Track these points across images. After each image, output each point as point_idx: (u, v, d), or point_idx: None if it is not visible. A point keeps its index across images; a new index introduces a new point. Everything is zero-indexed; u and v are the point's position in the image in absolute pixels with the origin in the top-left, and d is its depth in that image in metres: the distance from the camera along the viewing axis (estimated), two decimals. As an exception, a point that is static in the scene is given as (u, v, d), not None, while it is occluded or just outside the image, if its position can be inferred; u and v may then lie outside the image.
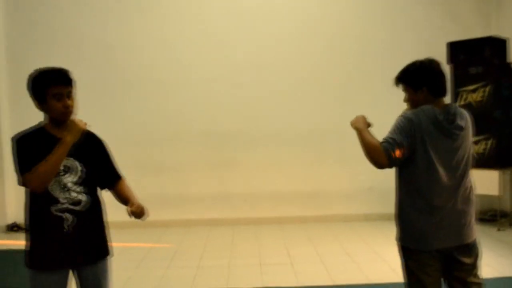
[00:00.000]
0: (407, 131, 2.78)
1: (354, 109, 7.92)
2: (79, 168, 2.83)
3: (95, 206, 2.94)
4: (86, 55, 7.90)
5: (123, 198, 2.97)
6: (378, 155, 2.76)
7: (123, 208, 7.97)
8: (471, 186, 2.93)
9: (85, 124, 2.85)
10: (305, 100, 8.07)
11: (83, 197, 2.83)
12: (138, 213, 2.86)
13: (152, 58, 7.96)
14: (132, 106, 7.96)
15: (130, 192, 3.03)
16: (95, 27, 7.91)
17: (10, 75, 7.83)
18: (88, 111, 7.70)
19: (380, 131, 2.98)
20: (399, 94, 7.69)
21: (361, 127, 2.98)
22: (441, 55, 7.61)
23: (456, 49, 7.55)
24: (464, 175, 2.87)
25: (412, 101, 2.99)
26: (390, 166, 2.83)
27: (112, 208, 3.08)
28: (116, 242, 6.53)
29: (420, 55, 7.65)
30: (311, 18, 8.08)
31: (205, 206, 7.99)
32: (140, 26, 7.96)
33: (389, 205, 7.92)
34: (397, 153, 2.74)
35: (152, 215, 7.44)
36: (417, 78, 2.94)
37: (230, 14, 8.00)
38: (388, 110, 7.99)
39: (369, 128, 3.01)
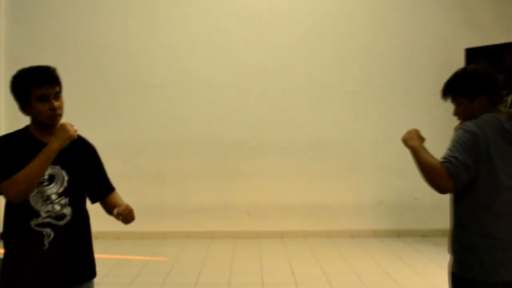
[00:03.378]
0: (471, 147, 2.41)
1: (364, 119, 7.86)
2: (65, 177, 2.52)
3: (81, 221, 2.63)
4: (87, 58, 7.66)
5: (112, 209, 2.62)
6: (439, 178, 2.39)
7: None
8: None
9: (76, 130, 2.53)
10: (313, 109, 7.78)
11: (67, 210, 2.52)
12: (125, 215, 2.53)
13: (155, 63, 7.69)
14: (133, 112, 7.68)
15: (122, 202, 2.69)
16: (98, 30, 7.66)
17: (9, 78, 7.49)
18: (88, 116, 7.63)
19: (394, 145, 2.61)
20: (416, 103, 7.41)
21: (417, 144, 2.58)
22: (458, 62, 7.28)
23: (474, 55, 7.16)
24: None
25: (466, 112, 2.62)
26: (454, 191, 2.48)
27: (106, 217, 2.79)
28: (111, 254, 6.32)
29: (436, 62, 7.38)
30: (321, 24, 7.79)
31: (205, 217, 7.67)
32: (144, 29, 7.71)
33: (399, 221, 7.85)
34: (462, 175, 2.38)
35: (149, 225, 7.33)
36: (473, 86, 2.57)
37: (237, 19, 7.74)
38: (403, 121, 7.80)
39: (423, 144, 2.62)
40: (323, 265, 6.19)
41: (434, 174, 2.40)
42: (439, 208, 7.56)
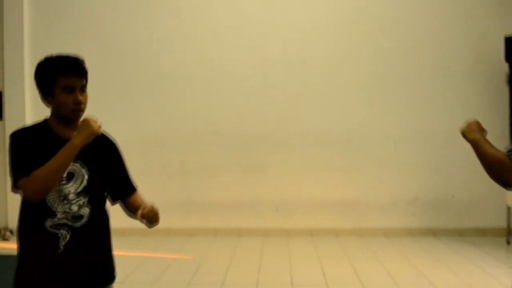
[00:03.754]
0: None
1: (398, 111, 7.48)
2: (85, 175, 2.34)
3: (99, 222, 2.43)
4: (112, 50, 7.52)
5: (134, 209, 2.45)
6: (506, 171, 2.21)
7: None
8: None
9: (100, 126, 2.34)
10: (343, 100, 7.51)
11: (85, 211, 2.33)
12: (151, 217, 2.36)
13: (179, 55, 7.51)
14: (156, 104, 7.53)
15: (143, 202, 2.48)
16: (123, 21, 7.52)
17: (33, 71, 7.41)
18: (110, 108, 7.51)
19: (430, 138, 2.35)
20: (452, 95, 7.09)
21: (478, 137, 2.36)
22: (498, 51, 6.95)
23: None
24: None
25: None
26: None
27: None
28: (136, 252, 6.20)
29: (473, 51, 7.02)
30: (347, 11, 7.51)
31: (232, 214, 7.46)
32: (168, 20, 7.53)
33: (435, 219, 7.40)
34: None
35: (175, 222, 7.17)
36: None
37: (262, 9, 7.49)
38: (439, 114, 7.53)
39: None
40: (355, 265, 5.97)
41: (500, 168, 2.21)
42: (477, 205, 7.30)
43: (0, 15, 7.37)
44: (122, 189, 2.53)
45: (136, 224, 6.26)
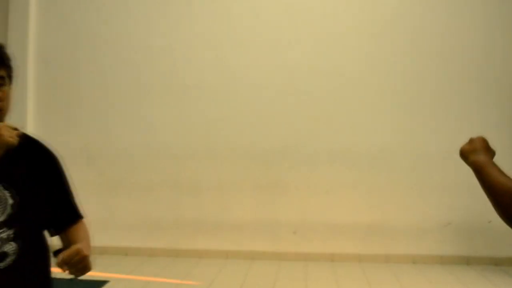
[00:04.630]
0: None
1: (430, 127, 6.81)
2: (9, 200, 1.84)
3: (33, 261, 1.89)
4: (123, 57, 7.11)
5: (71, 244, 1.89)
6: None
7: (150, 232, 6.76)
8: None
9: (17, 133, 1.86)
10: (372, 113, 6.95)
11: (11, 248, 1.81)
12: (75, 263, 1.74)
13: (193, 61, 7.06)
14: (167, 114, 7.07)
15: (86, 238, 1.96)
16: (134, 26, 7.11)
17: (38, 77, 7.11)
18: (120, 118, 7.12)
19: None
20: (490, 111, 6.45)
21: (483, 160, 1.80)
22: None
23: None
24: None
25: None
26: None
27: (138, 231, 2.20)
28: (138, 275, 5.73)
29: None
30: (383, 14, 6.95)
31: (246, 235, 6.95)
32: (182, 25, 7.09)
33: (469, 246, 6.56)
34: None
35: (184, 242, 6.70)
36: None
37: (283, 10, 7.01)
38: (476, 130, 6.91)
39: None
40: (380, 297, 5.46)
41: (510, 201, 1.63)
42: (516, 232, 6.67)
43: (5, 19, 7.07)
44: (60, 217, 2.01)
45: (141, 243, 5.85)
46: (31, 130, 7.06)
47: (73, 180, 2.00)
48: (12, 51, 6.42)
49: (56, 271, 1.84)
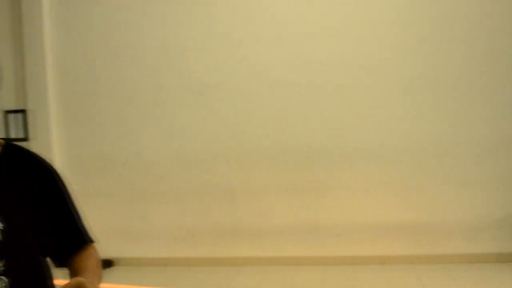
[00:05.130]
0: None
1: (481, 118, 6.23)
2: None
3: None
4: (143, 57, 6.76)
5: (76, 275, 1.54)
6: None
7: (185, 241, 6.31)
8: None
9: None
10: (415, 107, 6.49)
11: (1, 283, 1.47)
12: None
13: (218, 59, 6.65)
14: (194, 118, 6.69)
15: (94, 267, 1.62)
16: (152, 24, 6.77)
17: (57, 86, 6.89)
18: (145, 124, 6.78)
19: None
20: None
21: None
22: None
23: None
24: None
25: None
26: None
27: (175, 240, 1.85)
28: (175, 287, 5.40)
29: None
30: (416, 5, 6.49)
31: (288, 240, 6.55)
32: (201, 24, 6.71)
33: None
34: None
35: (222, 251, 6.37)
36: None
37: (313, 2, 6.59)
38: None
39: None
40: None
41: None
42: None
43: (20, 31, 6.82)
44: (63, 244, 1.66)
45: (179, 252, 5.50)
46: (55, 141, 6.84)
47: (103, 190, 1.64)
48: (30, 67, 6.17)
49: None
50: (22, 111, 6.78)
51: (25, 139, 6.72)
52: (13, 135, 6.72)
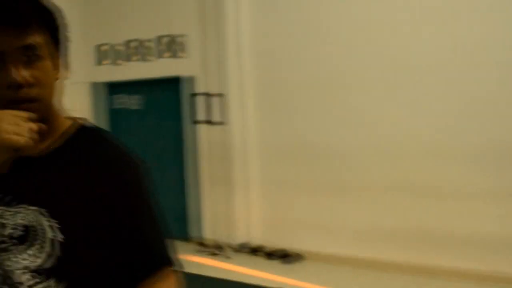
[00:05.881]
0: None
1: None
2: (48, 233, 1.18)
3: None
4: (341, 42, 6.16)
5: None
6: None
7: (383, 242, 5.64)
8: None
9: (32, 130, 1.13)
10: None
11: None
12: None
13: (424, 38, 5.77)
14: (396, 106, 5.96)
15: None
16: (356, 6, 6.13)
17: (256, 72, 6.65)
18: (339, 112, 5.97)
19: None
20: None
21: None
22: None
23: None
24: None
25: None
26: None
27: (364, 240, 1.36)
28: None
29: None
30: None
31: (498, 252, 5.49)
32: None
33: None
34: None
35: (428, 258, 5.41)
36: None
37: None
38: None
39: None
40: None
41: None
42: None
43: (221, 18, 6.67)
44: (135, 265, 1.26)
45: (372, 253, 4.82)
46: (251, 126, 6.61)
47: (291, 180, 1.15)
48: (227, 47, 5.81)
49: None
50: (220, 95, 6.65)
51: (221, 122, 6.61)
52: (211, 118, 6.64)
